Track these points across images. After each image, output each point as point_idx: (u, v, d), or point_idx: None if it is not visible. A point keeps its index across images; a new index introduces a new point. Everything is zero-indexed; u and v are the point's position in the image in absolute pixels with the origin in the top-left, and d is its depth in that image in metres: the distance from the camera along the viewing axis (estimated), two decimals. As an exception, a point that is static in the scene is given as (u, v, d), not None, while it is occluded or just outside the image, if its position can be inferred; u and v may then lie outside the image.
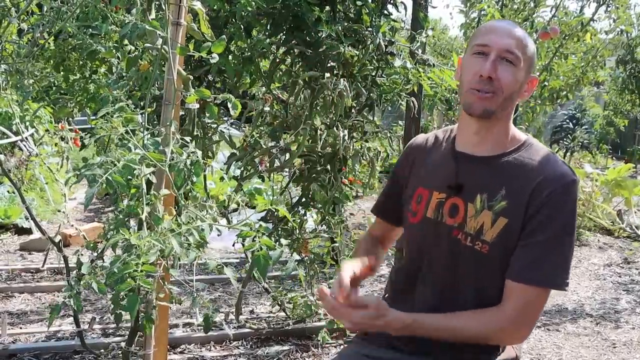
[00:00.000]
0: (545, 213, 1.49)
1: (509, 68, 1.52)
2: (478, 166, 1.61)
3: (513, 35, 1.55)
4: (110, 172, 1.67)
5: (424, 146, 1.80)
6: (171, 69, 2.00)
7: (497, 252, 1.53)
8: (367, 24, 2.69)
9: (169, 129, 1.96)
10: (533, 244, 1.50)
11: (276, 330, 3.44)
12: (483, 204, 1.56)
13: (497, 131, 1.61)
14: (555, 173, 1.52)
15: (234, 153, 2.88)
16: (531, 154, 1.59)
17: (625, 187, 7.09)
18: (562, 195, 1.49)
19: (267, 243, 1.54)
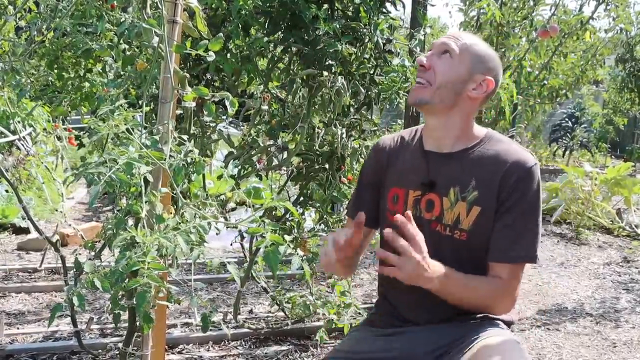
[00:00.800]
0: (515, 197, 1.66)
1: (445, 59, 1.70)
2: (447, 162, 1.76)
3: (453, 35, 1.74)
4: (114, 170, 1.66)
5: (392, 148, 1.91)
6: (168, 67, 1.99)
7: (474, 237, 1.70)
8: (366, 22, 2.67)
9: (167, 127, 1.95)
10: (509, 226, 1.66)
11: (275, 330, 3.42)
12: (457, 196, 1.71)
13: (452, 126, 1.75)
14: (519, 160, 1.68)
15: (231, 152, 2.86)
16: (494, 145, 1.74)
17: (624, 186, 7.07)
18: (527, 179, 1.66)
19: (276, 239, 1.55)
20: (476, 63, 1.72)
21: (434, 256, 1.66)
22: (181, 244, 1.53)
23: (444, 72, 1.70)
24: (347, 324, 3.17)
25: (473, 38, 1.76)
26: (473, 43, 1.74)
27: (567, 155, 13.38)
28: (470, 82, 1.72)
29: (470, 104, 1.75)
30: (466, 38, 1.74)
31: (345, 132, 2.84)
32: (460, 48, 1.71)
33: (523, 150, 1.73)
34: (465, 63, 1.71)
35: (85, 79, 3.29)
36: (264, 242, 1.54)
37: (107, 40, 3.07)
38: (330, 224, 2.99)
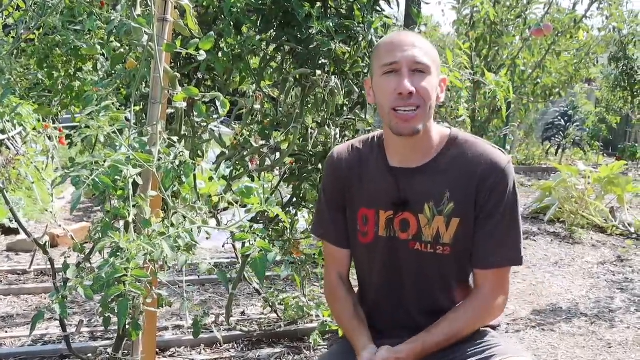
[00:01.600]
0: (494, 200, 1.60)
1: (423, 78, 1.56)
2: (417, 177, 1.66)
3: (416, 44, 1.58)
4: (97, 174, 1.61)
5: (351, 162, 1.78)
6: (158, 66, 1.94)
7: (458, 249, 1.64)
8: (359, 20, 2.63)
9: (156, 128, 1.90)
10: (491, 230, 1.61)
11: (267, 332, 3.38)
12: (432, 211, 1.63)
13: (425, 140, 1.65)
14: (492, 161, 1.61)
15: (223, 152, 2.81)
16: (461, 148, 1.66)
17: (617, 185, 7.06)
18: (504, 180, 1.60)
19: (263, 246, 1.50)
20: (438, 66, 1.63)
21: (418, 274, 1.68)
22: (166, 250, 1.48)
23: (429, 93, 1.57)
24: (341, 326, 3.13)
25: (422, 38, 1.64)
26: (428, 44, 1.62)
27: (559, 154, 13.38)
28: (437, 88, 1.63)
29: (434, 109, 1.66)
30: (422, 41, 1.61)
31: (339, 132, 2.80)
32: (428, 58, 1.58)
33: (492, 148, 1.66)
34: (434, 72, 1.60)
35: (75, 78, 3.24)
36: (252, 248, 1.50)
37: (98, 39, 3.03)
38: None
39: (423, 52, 1.57)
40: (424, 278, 1.68)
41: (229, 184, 2.77)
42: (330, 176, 1.83)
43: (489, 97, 3.22)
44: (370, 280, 1.80)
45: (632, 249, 5.91)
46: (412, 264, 1.68)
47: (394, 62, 1.56)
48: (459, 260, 1.66)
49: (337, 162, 1.80)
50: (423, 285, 1.69)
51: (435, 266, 1.66)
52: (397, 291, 1.73)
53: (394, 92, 1.54)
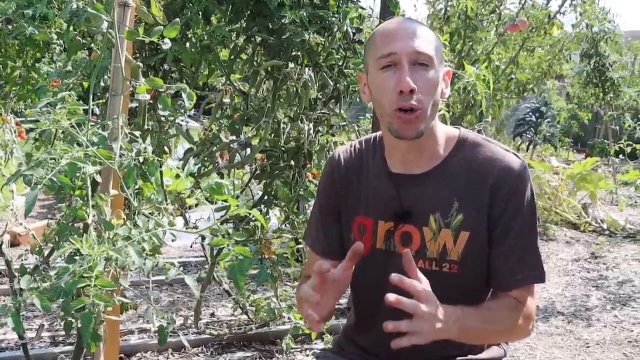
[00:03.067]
0: (511, 211, 1.40)
1: (425, 72, 1.35)
2: (421, 185, 1.45)
3: (417, 33, 1.37)
4: (54, 172, 1.47)
5: (351, 164, 1.58)
6: (118, 55, 1.81)
7: (467, 267, 1.43)
8: (334, 10, 2.52)
9: (117, 122, 1.77)
10: (511, 246, 1.41)
11: (238, 335, 3.25)
12: (439, 223, 1.43)
13: (430, 142, 1.45)
14: (506, 166, 1.41)
15: (191, 148, 2.68)
16: (471, 151, 1.46)
17: (590, 181, 7.06)
18: (520, 187, 1.41)
19: (242, 252, 1.36)
20: (441, 57, 1.41)
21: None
22: (133, 256, 1.35)
23: (433, 89, 1.37)
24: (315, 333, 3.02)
25: (423, 26, 1.41)
26: (430, 32, 1.41)
27: (530, 150, 13.43)
28: (442, 82, 1.42)
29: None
30: (424, 30, 1.39)
31: (313, 127, 2.68)
32: (431, 50, 1.37)
33: (505, 151, 1.45)
34: (437, 65, 1.39)
35: (33, 69, 3.07)
36: (229, 255, 1.36)
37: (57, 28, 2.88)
38: (297, 224, 2.83)
39: (425, 41, 1.36)
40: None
41: (197, 181, 2.63)
42: (327, 178, 1.63)
43: (467, 91, 3.13)
44: (365, 299, 1.60)
45: (605, 245, 5.90)
46: None
47: (392, 54, 1.35)
48: (468, 280, 1.45)
49: (336, 162, 1.60)
50: None
51: (440, 287, 1.36)
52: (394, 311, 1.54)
53: (395, 90, 1.33)
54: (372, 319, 1.55)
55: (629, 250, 5.79)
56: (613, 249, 5.84)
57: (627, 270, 5.13)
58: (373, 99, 1.44)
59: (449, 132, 1.49)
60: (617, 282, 4.81)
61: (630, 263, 5.37)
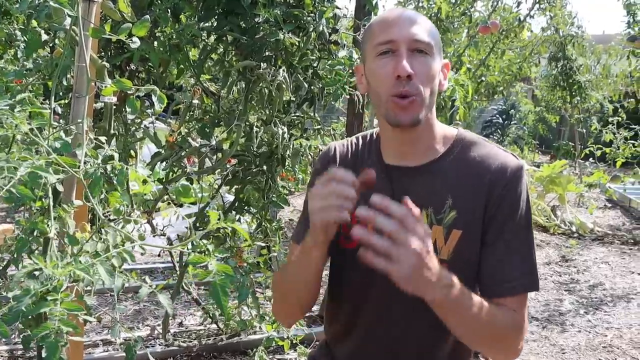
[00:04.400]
0: (505, 212, 1.33)
1: (424, 60, 1.31)
2: (415, 179, 1.40)
3: (416, 21, 1.33)
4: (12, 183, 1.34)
5: (344, 158, 1.52)
6: (83, 54, 1.68)
7: (456, 268, 1.30)
8: (310, 9, 2.42)
9: (81, 126, 1.64)
10: (502, 250, 1.33)
11: (208, 345, 3.13)
12: (430, 219, 1.36)
13: (427, 135, 1.40)
14: (502, 166, 1.36)
15: (158, 152, 2.55)
16: (468, 150, 1.40)
17: (559, 184, 7.09)
18: (515, 187, 1.35)
19: (224, 270, 1.24)
20: (440, 48, 1.37)
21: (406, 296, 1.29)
22: (103, 276, 1.22)
23: (431, 77, 1.32)
24: (287, 341, 2.92)
25: (421, 15, 1.37)
26: (429, 22, 1.37)
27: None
28: (439, 75, 1.37)
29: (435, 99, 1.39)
30: (423, 19, 1.35)
31: (286, 131, 2.57)
32: (429, 38, 1.31)
33: (503, 151, 1.40)
34: (436, 53, 1.33)
35: (-8, 68, 2.91)
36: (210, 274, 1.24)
37: (20, 23, 2.73)
38: (269, 231, 2.72)
39: (424, 29, 1.32)
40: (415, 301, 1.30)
41: (166, 188, 2.51)
42: (318, 171, 1.54)
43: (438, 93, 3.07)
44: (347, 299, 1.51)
45: (575, 248, 5.90)
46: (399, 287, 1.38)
47: (390, 41, 1.31)
48: None
49: (330, 157, 1.54)
50: (412, 310, 1.36)
51: None
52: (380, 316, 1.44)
53: (392, 76, 1.29)
54: (352, 324, 1.48)
55: (598, 253, 5.81)
56: (583, 251, 5.85)
57: (597, 274, 5.13)
58: (370, 88, 1.39)
59: (447, 130, 1.45)
60: (588, 285, 4.80)
61: (600, 266, 5.37)
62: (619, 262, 5.49)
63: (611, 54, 9.45)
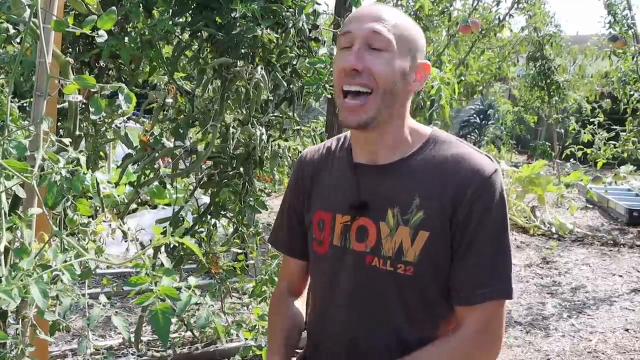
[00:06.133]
0: (476, 217, 1.27)
1: (380, 55, 1.26)
2: (382, 177, 1.35)
3: (378, 16, 1.27)
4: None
5: (318, 161, 1.50)
6: (43, 50, 1.55)
7: (423, 271, 1.30)
8: (289, 4, 2.31)
9: (40, 127, 1.51)
10: (474, 256, 1.27)
11: (182, 355, 3.01)
12: (397, 219, 1.31)
13: (393, 133, 1.35)
14: (474, 167, 1.29)
15: (130, 153, 2.42)
16: (440, 149, 1.34)
17: (538, 184, 7.05)
18: (488, 191, 1.28)
19: (168, 292, 1.12)
20: (412, 47, 1.30)
21: (372, 299, 1.34)
22: (35, 296, 1.08)
23: (386, 73, 1.26)
24: (265, 349, 2.80)
25: (395, 12, 1.31)
26: (401, 19, 1.30)
27: (475, 152, 13.44)
28: (410, 74, 1.31)
29: (408, 98, 1.35)
30: (392, 15, 1.29)
31: (264, 132, 2.46)
32: (395, 34, 1.26)
33: (477, 153, 1.34)
34: (405, 52, 1.28)
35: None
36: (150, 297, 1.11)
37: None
38: (246, 236, 2.61)
39: (388, 26, 1.26)
40: (382, 305, 1.34)
41: (137, 191, 2.38)
42: (293, 177, 1.56)
43: (417, 92, 2.97)
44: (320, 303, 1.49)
45: (556, 250, 5.86)
46: (367, 285, 1.34)
47: (347, 32, 1.28)
48: (422, 285, 1.31)
49: (304, 161, 1.53)
50: (381, 314, 1.34)
51: (394, 289, 1.32)
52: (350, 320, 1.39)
53: (341, 70, 1.27)
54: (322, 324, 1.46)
55: (579, 255, 5.77)
56: (563, 253, 5.81)
57: (579, 276, 5.09)
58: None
59: (421, 129, 1.40)
60: (570, 288, 4.75)
61: (582, 268, 5.33)
62: (600, 264, 5.45)
63: (587, 54, 9.47)
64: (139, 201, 5.73)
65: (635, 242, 6.21)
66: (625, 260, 5.58)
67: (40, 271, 1.16)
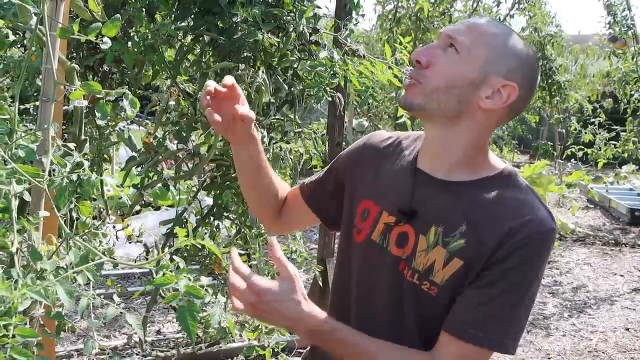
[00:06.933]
0: (511, 264, 1.19)
1: (449, 55, 1.24)
2: (438, 191, 1.29)
3: (467, 22, 1.27)
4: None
5: (383, 148, 1.46)
6: (50, 56, 1.58)
7: (446, 296, 1.24)
8: (289, 9, 2.34)
9: (47, 132, 1.55)
10: (486, 296, 1.20)
11: (186, 355, 3.04)
12: (437, 238, 1.25)
13: (453, 144, 1.28)
14: (534, 218, 1.20)
15: (134, 156, 2.46)
16: (507, 188, 1.26)
17: (540, 184, 7.08)
18: (536, 246, 1.19)
19: (193, 291, 1.16)
20: (494, 61, 1.24)
21: (395, 305, 1.30)
22: (62, 297, 1.13)
23: (444, 71, 1.23)
24: (269, 350, 2.83)
25: (496, 26, 1.28)
26: (494, 34, 1.25)
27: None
28: (482, 88, 1.24)
29: (483, 117, 1.27)
30: (485, 27, 1.26)
31: (266, 134, 2.50)
32: (473, 40, 1.23)
33: (543, 207, 1.25)
34: (477, 60, 1.23)
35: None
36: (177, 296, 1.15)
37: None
38: (249, 238, 2.64)
39: (470, 33, 1.24)
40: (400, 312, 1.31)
41: (141, 194, 2.42)
42: (354, 147, 1.52)
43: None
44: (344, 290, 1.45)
45: (557, 249, 5.87)
46: (395, 289, 1.31)
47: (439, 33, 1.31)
48: (441, 309, 1.26)
49: (372, 142, 1.49)
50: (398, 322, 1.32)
51: (413, 301, 1.28)
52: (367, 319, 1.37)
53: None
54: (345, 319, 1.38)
55: (580, 254, 5.79)
56: (565, 253, 5.83)
57: (580, 276, 5.11)
58: None
59: (495, 161, 1.32)
60: (571, 287, 4.77)
61: (583, 268, 5.35)
62: (601, 264, 5.47)
63: (588, 54, 9.49)
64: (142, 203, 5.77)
65: (636, 242, 6.23)
66: (626, 260, 5.61)
67: (62, 272, 1.19)
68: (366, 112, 8.45)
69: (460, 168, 1.29)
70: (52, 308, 1.49)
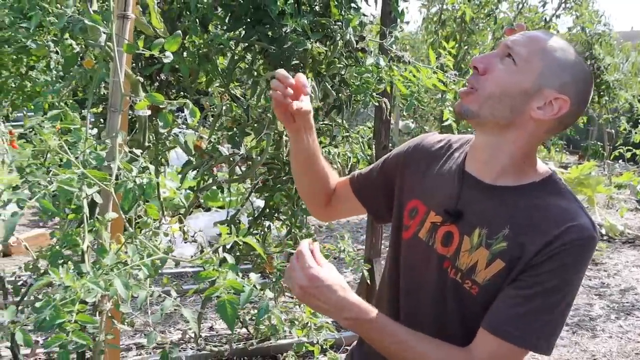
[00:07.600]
0: (550, 268, 1.24)
1: (506, 64, 1.28)
2: (484, 195, 1.35)
3: (527, 34, 1.31)
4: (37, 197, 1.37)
5: (434, 150, 1.52)
6: (117, 70, 1.72)
7: (487, 296, 1.30)
8: (336, 18, 2.44)
9: (115, 140, 1.68)
10: (524, 297, 1.25)
11: (238, 350, 3.17)
12: (481, 239, 1.31)
13: (502, 151, 1.33)
14: (575, 225, 1.24)
15: (189, 160, 2.59)
16: (550, 195, 1.31)
17: (588, 185, 7.00)
18: (577, 252, 1.24)
19: (233, 284, 1.26)
20: (548, 74, 1.27)
21: (438, 301, 1.38)
22: (119, 288, 1.24)
23: (500, 80, 1.29)
24: (317, 346, 2.94)
25: (554, 40, 1.30)
26: (551, 47, 1.29)
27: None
28: (535, 98, 1.28)
29: (533, 127, 1.31)
30: (543, 40, 1.30)
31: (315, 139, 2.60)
32: (530, 52, 1.28)
33: (585, 215, 1.29)
34: (532, 72, 1.27)
35: (27, 77, 2.99)
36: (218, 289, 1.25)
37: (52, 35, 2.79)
38: (299, 238, 2.75)
39: (528, 45, 1.29)
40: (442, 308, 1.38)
41: (197, 196, 2.55)
42: (406, 148, 1.59)
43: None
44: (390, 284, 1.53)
45: (605, 252, 5.83)
46: (439, 288, 1.38)
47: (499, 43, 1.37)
48: (481, 307, 1.32)
49: (425, 143, 1.55)
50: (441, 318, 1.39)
51: (455, 298, 1.35)
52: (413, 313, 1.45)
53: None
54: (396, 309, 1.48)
55: (629, 256, 5.74)
56: (613, 254, 5.79)
57: (628, 278, 5.07)
58: None
59: (541, 167, 1.38)
60: (619, 290, 4.75)
61: (632, 270, 5.31)
62: (650, 266, 5.43)
63: (641, 51, 9.34)
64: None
65: (687, 243, 6.14)
66: (676, 262, 5.54)
67: (121, 267, 1.31)
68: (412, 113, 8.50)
69: (507, 174, 1.34)
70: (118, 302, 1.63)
